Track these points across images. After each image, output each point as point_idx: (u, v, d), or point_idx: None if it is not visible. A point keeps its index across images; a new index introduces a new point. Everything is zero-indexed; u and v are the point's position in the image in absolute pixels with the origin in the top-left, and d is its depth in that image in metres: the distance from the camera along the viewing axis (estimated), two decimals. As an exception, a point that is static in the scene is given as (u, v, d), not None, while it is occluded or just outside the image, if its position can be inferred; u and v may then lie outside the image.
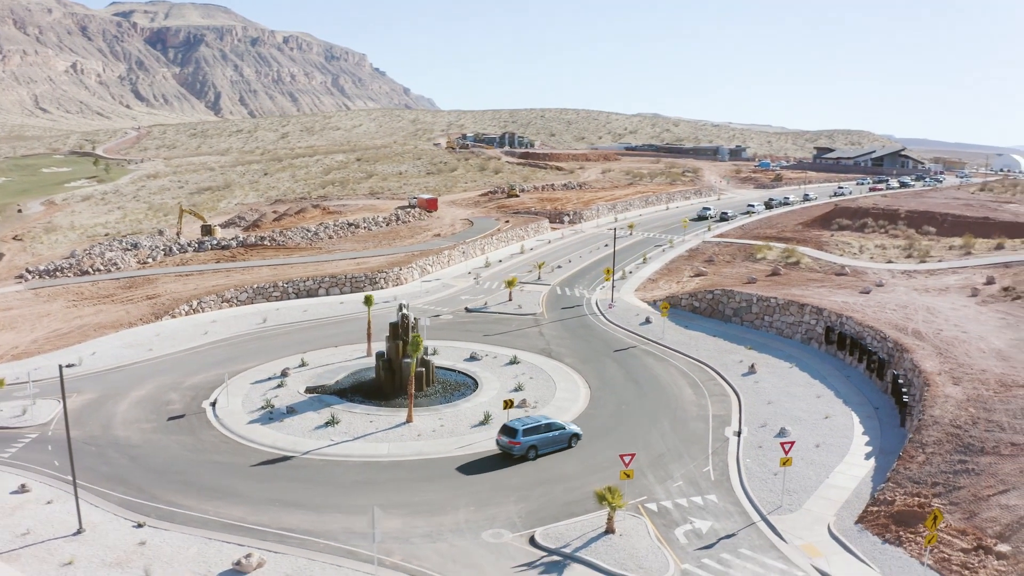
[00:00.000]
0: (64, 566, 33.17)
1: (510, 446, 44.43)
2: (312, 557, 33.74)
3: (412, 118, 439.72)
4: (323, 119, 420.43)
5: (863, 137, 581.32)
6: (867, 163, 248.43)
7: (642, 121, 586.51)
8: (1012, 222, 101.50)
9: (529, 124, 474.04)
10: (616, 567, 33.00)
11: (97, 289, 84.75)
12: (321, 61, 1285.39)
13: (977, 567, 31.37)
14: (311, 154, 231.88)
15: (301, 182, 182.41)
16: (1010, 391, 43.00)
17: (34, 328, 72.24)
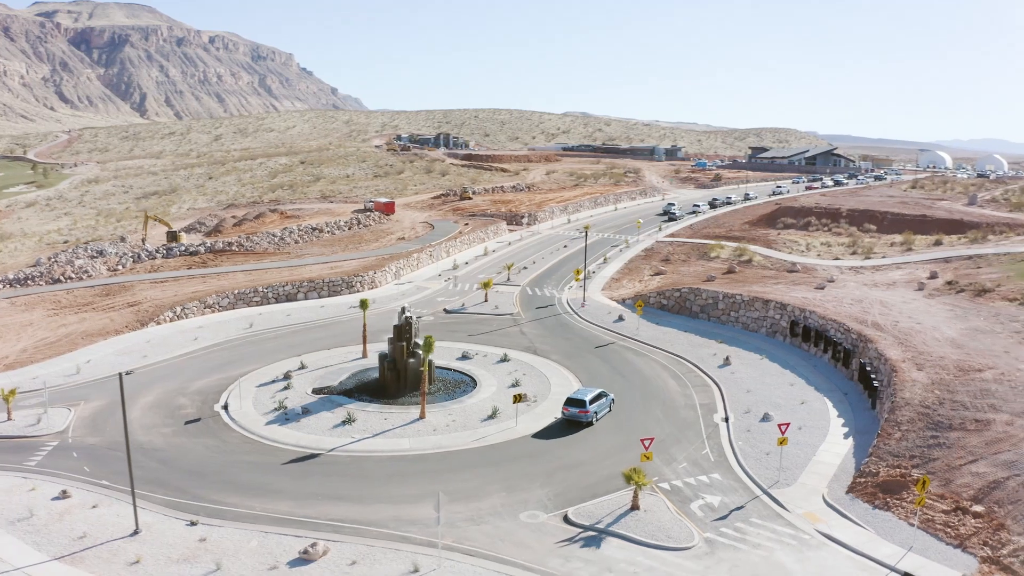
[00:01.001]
0: (132, 565, 35.06)
1: (580, 415, 51.52)
2: (370, 544, 36.55)
3: (346, 119, 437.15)
4: (256, 121, 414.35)
5: (789, 135, 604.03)
6: (801, 162, 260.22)
7: (574, 121, 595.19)
8: (947, 219, 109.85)
9: (463, 124, 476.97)
10: (648, 538, 36.93)
11: (74, 297, 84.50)
12: (248, 61, 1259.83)
13: (957, 525, 36.42)
14: (252, 157, 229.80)
15: (248, 186, 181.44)
16: (968, 375, 48.69)
17: (19, 338, 72.11)
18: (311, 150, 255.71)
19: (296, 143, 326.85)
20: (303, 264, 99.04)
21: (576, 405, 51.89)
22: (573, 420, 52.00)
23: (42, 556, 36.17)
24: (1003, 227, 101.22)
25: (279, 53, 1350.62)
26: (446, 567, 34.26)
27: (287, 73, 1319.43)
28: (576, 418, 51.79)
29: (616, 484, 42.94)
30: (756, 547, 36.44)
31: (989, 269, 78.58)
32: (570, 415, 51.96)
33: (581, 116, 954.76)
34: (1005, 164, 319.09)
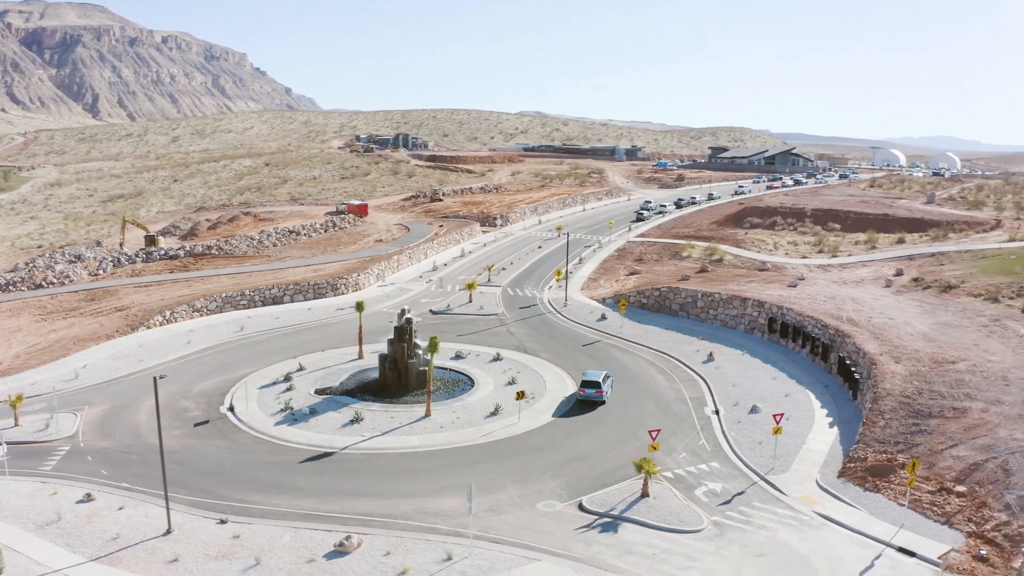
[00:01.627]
0: (171, 563, 36.30)
1: (597, 395, 56.71)
2: (399, 535, 38.39)
3: (303, 120, 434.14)
4: (213, 121, 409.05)
5: (744, 134, 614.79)
6: (760, 162, 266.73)
7: (531, 121, 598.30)
8: (908, 218, 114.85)
9: (422, 125, 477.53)
10: (661, 523, 39.44)
11: (59, 303, 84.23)
12: (201, 61, 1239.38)
13: (943, 504, 39.64)
14: (215, 159, 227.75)
15: (215, 188, 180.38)
16: (942, 366, 52.25)
17: (10, 343, 71.97)
18: (274, 152, 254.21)
19: (255, 144, 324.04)
20: (285, 267, 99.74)
21: (593, 386, 57.02)
22: (590, 400, 57.06)
23: (78, 558, 37.14)
24: (962, 225, 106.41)
25: (232, 53, 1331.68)
26: (477, 554, 36.28)
27: (241, 73, 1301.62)
28: (593, 398, 56.92)
29: (623, 474, 45.46)
30: (761, 528, 39.19)
31: (952, 266, 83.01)
32: (587, 396, 57.02)
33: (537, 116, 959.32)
34: (958, 162, 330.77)
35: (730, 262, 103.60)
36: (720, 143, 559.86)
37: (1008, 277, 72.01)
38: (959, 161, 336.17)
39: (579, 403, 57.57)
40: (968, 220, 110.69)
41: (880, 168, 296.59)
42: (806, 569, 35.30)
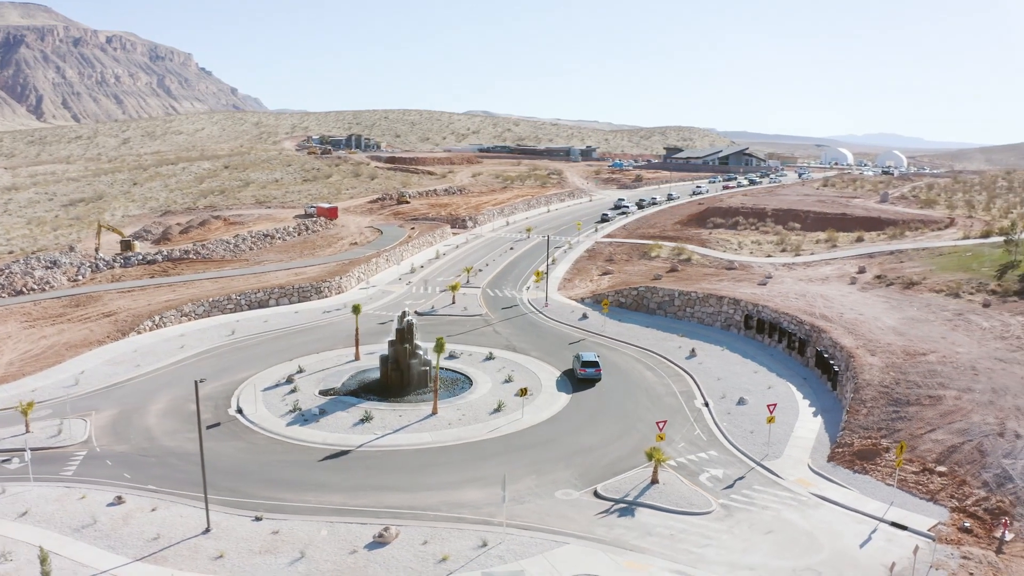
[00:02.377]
0: (216, 559, 37.86)
1: (596, 373, 64.44)
2: (433, 526, 40.67)
3: (254, 121, 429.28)
4: (163, 123, 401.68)
5: (693, 133, 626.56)
6: (715, 162, 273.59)
7: (482, 121, 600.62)
8: (865, 217, 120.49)
9: (374, 125, 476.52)
10: (674, 506, 42.53)
11: (43, 309, 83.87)
12: (146, 61, 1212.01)
13: (927, 483, 43.54)
14: (172, 162, 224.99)
15: (176, 192, 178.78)
16: (914, 358, 56.51)
17: (1, 351, 71.81)
18: (231, 154, 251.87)
19: (207, 146, 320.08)
20: (266, 271, 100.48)
21: (592, 366, 64.58)
22: (590, 379, 64.38)
23: (123, 558, 38.33)
24: (918, 224, 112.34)
25: (178, 53, 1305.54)
26: (509, 540, 38.82)
27: (186, 73, 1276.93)
28: (593, 376, 64.35)
29: (629, 463, 48.53)
30: (765, 509, 42.56)
31: (911, 263, 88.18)
32: (588, 375, 64.28)
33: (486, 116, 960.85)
34: (904, 160, 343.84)
35: (698, 261, 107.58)
36: (670, 142, 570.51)
37: (967, 274, 77.17)
38: (905, 159, 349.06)
39: (579, 382, 64.48)
40: (923, 219, 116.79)
41: (829, 166, 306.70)
42: (812, 543, 38.69)
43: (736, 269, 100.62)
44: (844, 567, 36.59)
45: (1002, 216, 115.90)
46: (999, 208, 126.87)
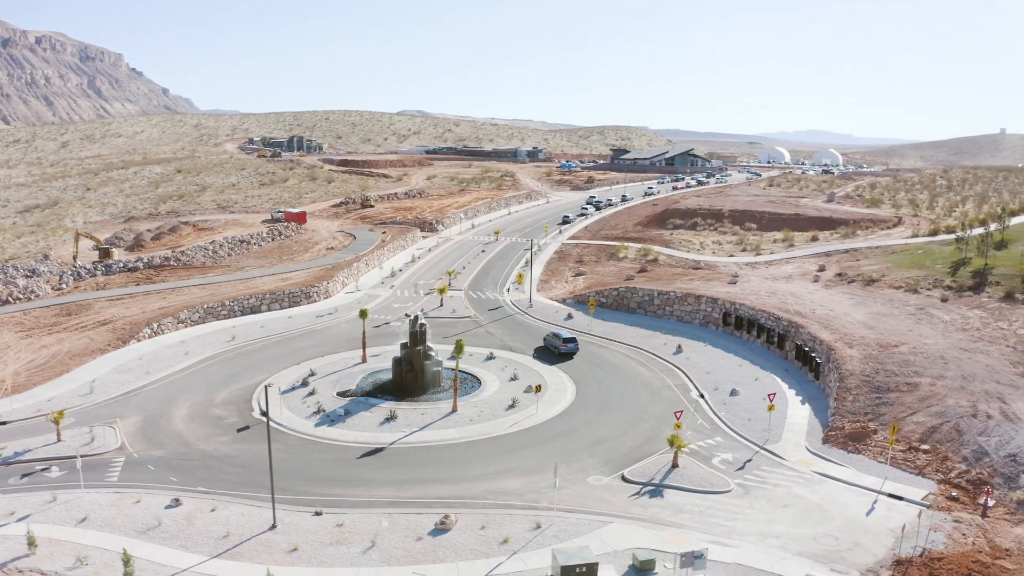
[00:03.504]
0: (291, 552, 40.47)
1: (575, 348, 74.96)
2: (486, 512, 44.34)
3: (194, 123, 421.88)
4: (102, 126, 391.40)
5: (631, 132, 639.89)
6: (661, 163, 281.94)
7: (423, 122, 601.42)
8: (817, 217, 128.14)
9: (315, 127, 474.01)
10: (696, 487, 47.21)
11: (35, 318, 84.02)
12: (76, 62, 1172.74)
13: (914, 460, 49.23)
14: (124, 166, 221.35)
15: (132, 197, 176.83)
16: (888, 350, 62.58)
17: (4, 361, 72.23)
18: (182, 157, 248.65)
19: (148, 149, 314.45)
20: (251, 277, 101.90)
21: (571, 341, 75.31)
22: (571, 353, 74.79)
23: (200, 556, 40.25)
24: (868, 223, 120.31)
25: (108, 53, 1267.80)
26: (560, 522, 42.84)
27: (117, 74, 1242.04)
28: (572, 351, 74.70)
29: (646, 450, 53.11)
30: (776, 486, 47.60)
31: (867, 261, 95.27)
32: (568, 349, 74.85)
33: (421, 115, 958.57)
34: (840, 157, 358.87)
35: (665, 262, 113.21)
36: (608, 142, 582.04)
37: (921, 271, 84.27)
38: (841, 157, 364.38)
39: (560, 355, 74.93)
40: (872, 218, 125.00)
41: (767, 165, 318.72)
42: (824, 514, 43.82)
43: (702, 269, 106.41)
44: (856, 533, 41.75)
45: (946, 215, 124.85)
46: (943, 207, 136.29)
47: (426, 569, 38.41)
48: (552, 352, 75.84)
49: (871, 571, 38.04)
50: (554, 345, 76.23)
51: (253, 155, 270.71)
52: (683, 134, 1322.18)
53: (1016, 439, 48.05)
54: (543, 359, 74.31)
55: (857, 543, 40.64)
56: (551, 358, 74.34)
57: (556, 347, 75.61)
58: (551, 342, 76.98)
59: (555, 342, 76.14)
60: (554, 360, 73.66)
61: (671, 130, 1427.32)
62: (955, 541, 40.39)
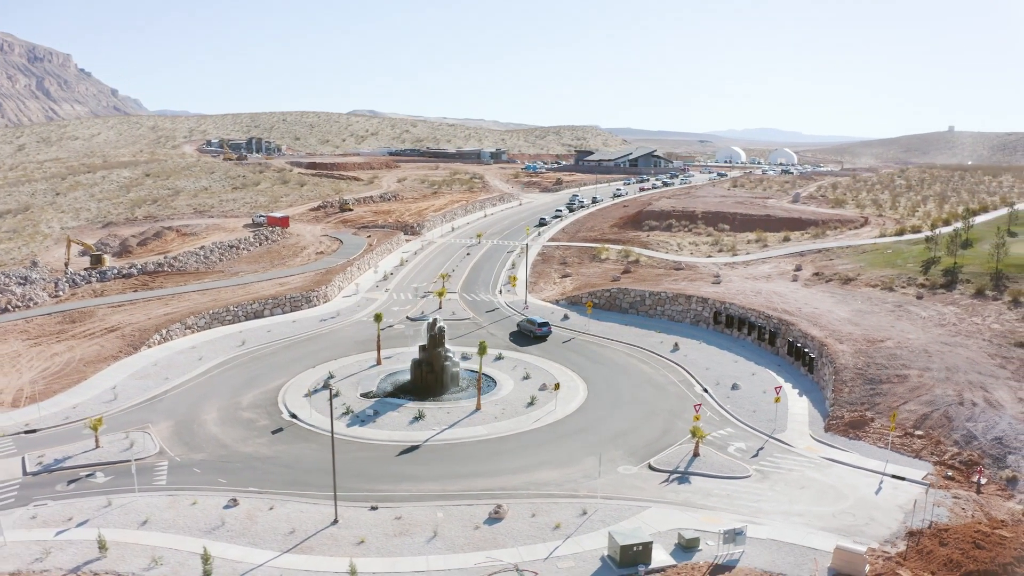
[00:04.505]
0: (359, 545, 43.01)
1: (549, 331, 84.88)
2: (532, 501, 47.80)
3: (151, 125, 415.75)
4: (59, 128, 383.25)
5: (587, 132, 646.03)
6: (626, 164, 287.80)
7: (380, 123, 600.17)
8: (787, 218, 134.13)
9: (272, 128, 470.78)
10: (719, 473, 51.43)
11: (39, 326, 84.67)
12: (24, 63, 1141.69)
13: (910, 444, 54.19)
14: (92, 169, 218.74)
15: (105, 201, 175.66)
16: (875, 345, 67.76)
17: (18, 369, 73.13)
18: (149, 160, 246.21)
19: (106, 152, 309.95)
20: (248, 282, 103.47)
21: (545, 325, 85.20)
22: (545, 336, 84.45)
23: (271, 552, 42.41)
24: (836, 223, 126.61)
25: (56, 54, 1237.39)
26: (603, 507, 46.58)
27: (66, 75, 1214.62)
28: (547, 334, 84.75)
29: (665, 441, 57.25)
30: (790, 471, 52.07)
31: (840, 261, 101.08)
32: (543, 332, 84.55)
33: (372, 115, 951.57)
34: (795, 156, 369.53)
35: (646, 263, 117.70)
36: (564, 141, 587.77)
37: (894, 269, 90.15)
38: (795, 156, 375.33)
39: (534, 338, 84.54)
40: (839, 218, 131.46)
41: (725, 164, 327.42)
42: (838, 494, 48.38)
43: (683, 269, 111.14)
44: (869, 509, 46.37)
45: (909, 215, 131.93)
46: (905, 207, 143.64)
47: (490, 554, 41.73)
48: (527, 336, 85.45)
49: (888, 541, 42.61)
50: (529, 329, 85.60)
51: (219, 157, 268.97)
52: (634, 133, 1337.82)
53: (1000, 424, 53.32)
54: (518, 342, 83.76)
55: (872, 518, 45.22)
56: (526, 341, 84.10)
57: (531, 331, 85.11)
58: (526, 327, 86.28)
59: (530, 327, 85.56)
60: (529, 343, 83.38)
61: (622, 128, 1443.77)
62: (956, 515, 45.23)
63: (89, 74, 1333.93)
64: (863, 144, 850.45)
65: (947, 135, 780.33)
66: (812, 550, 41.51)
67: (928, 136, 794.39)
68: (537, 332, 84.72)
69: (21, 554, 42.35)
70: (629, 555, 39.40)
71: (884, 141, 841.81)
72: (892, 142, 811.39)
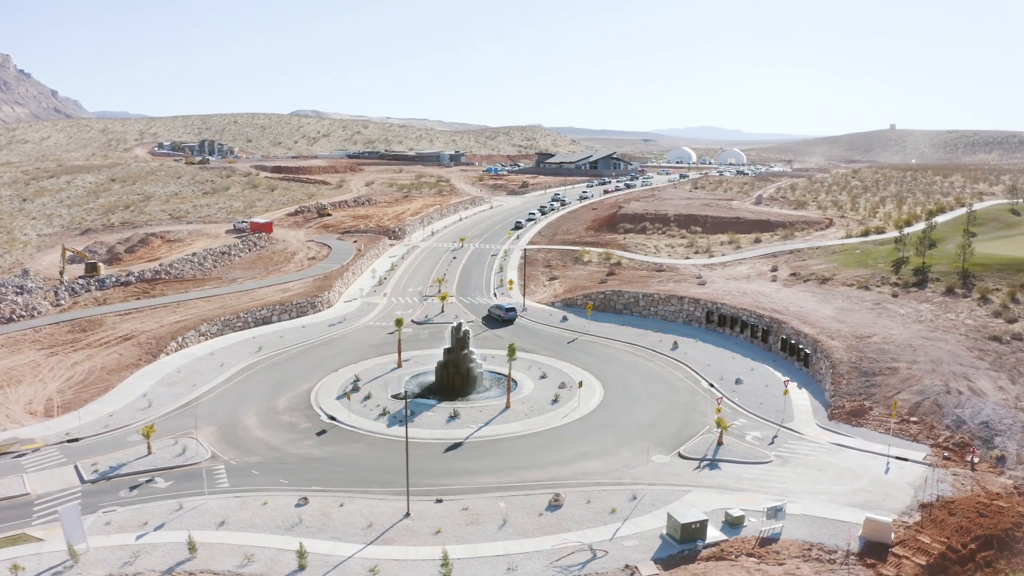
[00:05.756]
0: (437, 534, 46.68)
1: (515, 316, 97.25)
2: (584, 489, 52.39)
3: (101, 128, 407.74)
4: (7, 131, 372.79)
5: (536, 132, 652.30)
6: (586, 167, 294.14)
7: (332, 124, 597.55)
8: (755, 220, 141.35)
9: (224, 130, 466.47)
10: (744, 459, 56.88)
11: (49, 336, 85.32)
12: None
13: (907, 429, 60.53)
14: (54, 175, 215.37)
15: (75, 208, 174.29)
16: (863, 340, 74.25)
17: (42, 379, 74.11)
18: (111, 165, 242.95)
19: (59, 155, 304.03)
20: (249, 289, 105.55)
21: (512, 310, 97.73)
22: (512, 319, 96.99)
23: (357, 544, 45.33)
24: (802, 224, 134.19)
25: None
26: (651, 493, 51.48)
27: (5, 76, 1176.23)
28: (513, 318, 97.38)
29: (688, 433, 62.47)
30: (806, 456, 57.84)
31: (813, 261, 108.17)
32: (510, 316, 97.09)
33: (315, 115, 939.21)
34: (744, 156, 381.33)
35: (628, 265, 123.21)
36: (514, 142, 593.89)
37: (866, 269, 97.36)
38: (744, 155, 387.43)
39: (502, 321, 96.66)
40: (805, 220, 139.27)
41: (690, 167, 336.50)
42: (853, 475, 54.24)
43: (665, 271, 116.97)
44: (883, 487, 52.30)
45: (870, 216, 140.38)
46: (866, 208, 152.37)
47: (558, 538, 46.19)
48: (496, 319, 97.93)
49: (905, 513, 48.52)
50: (498, 314, 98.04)
51: (181, 161, 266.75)
52: (577, 132, 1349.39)
53: (985, 410, 60.04)
54: (489, 325, 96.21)
55: (887, 494, 51.14)
56: (495, 324, 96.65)
57: (500, 315, 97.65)
58: (495, 312, 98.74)
59: (499, 312, 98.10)
60: (498, 325, 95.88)
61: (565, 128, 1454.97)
62: (958, 489, 51.48)
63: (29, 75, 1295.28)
64: (806, 143, 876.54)
65: (889, 133, 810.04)
66: (842, 522, 47.10)
67: (871, 134, 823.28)
68: (504, 316, 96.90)
69: (108, 559, 44.18)
70: (688, 532, 44.38)
71: (827, 139, 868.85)
72: (835, 140, 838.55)
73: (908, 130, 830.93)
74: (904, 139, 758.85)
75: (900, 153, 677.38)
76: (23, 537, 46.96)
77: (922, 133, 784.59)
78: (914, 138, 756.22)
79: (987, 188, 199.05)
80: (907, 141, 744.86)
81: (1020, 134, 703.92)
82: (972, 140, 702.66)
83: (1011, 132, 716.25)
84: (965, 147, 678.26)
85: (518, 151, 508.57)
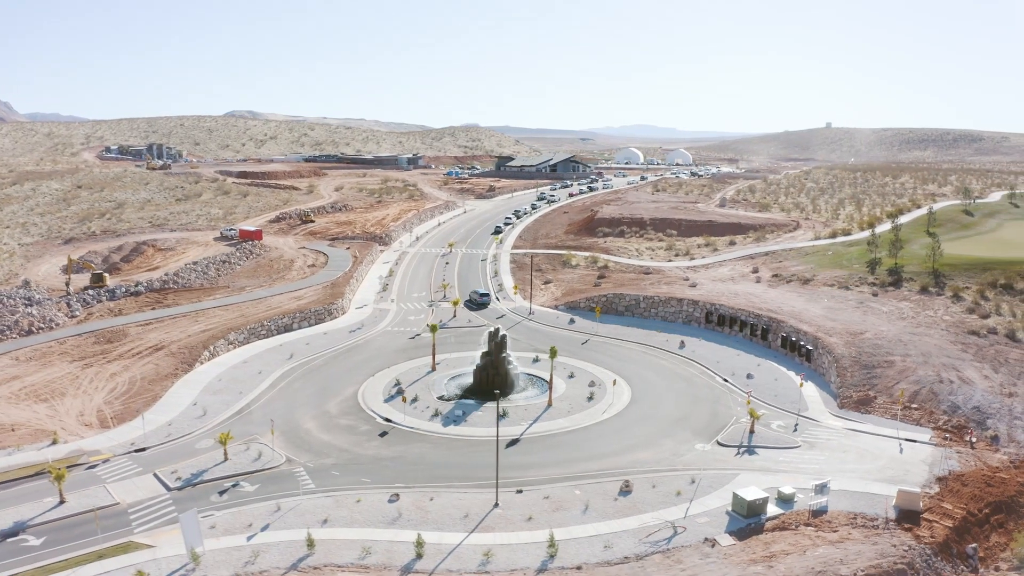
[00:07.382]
0: (529, 520, 52.00)
1: (488, 300, 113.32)
2: (646, 476, 58.61)
3: (46, 132, 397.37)
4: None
5: (480, 133, 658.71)
6: (546, 170, 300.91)
7: (278, 127, 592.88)
8: (727, 223, 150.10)
9: (171, 133, 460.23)
10: (776, 445, 64.20)
11: (76, 347, 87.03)
12: None
13: (910, 415, 68.85)
14: (17, 182, 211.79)
15: (47, 216, 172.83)
16: (858, 336, 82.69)
17: (85, 391, 76.09)
18: (75, 171, 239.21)
19: (6, 160, 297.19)
20: (262, 297, 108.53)
21: (486, 295, 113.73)
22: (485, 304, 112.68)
23: (461, 533, 50.00)
24: (771, 227, 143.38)
25: None
26: (706, 476, 58.19)
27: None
28: (487, 303, 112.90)
29: (720, 423, 69.56)
30: (827, 440, 65.54)
31: (790, 263, 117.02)
32: (484, 301, 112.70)
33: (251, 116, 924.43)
34: (690, 157, 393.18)
35: (616, 268, 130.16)
36: (460, 143, 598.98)
37: (843, 270, 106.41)
38: (691, 155, 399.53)
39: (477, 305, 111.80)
40: (773, 222, 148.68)
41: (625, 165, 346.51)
42: (873, 455, 62.08)
43: (652, 273, 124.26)
44: (901, 464, 60.24)
45: (833, 217, 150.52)
46: (827, 210, 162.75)
47: (637, 519, 52.50)
48: (474, 303, 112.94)
49: (925, 486, 56.43)
50: (474, 300, 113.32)
51: (143, 166, 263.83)
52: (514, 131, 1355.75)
53: (975, 396, 68.78)
54: (471, 308, 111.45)
55: (907, 471, 59.06)
56: (474, 307, 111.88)
57: (476, 300, 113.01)
58: (474, 297, 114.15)
59: (476, 296, 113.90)
60: (476, 308, 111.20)
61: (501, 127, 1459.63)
62: (964, 465, 59.79)
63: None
64: (744, 140, 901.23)
65: (826, 131, 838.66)
66: (876, 495, 54.71)
67: (808, 132, 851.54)
68: (479, 300, 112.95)
69: (228, 560, 47.33)
70: (754, 508, 51.30)
71: (764, 137, 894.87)
72: (773, 138, 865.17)
73: (844, 128, 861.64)
74: (840, 137, 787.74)
75: (838, 151, 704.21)
76: (132, 545, 49.63)
77: (858, 131, 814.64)
78: (851, 136, 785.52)
79: (937, 189, 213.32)
80: (843, 139, 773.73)
81: (953, 131, 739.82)
82: (908, 138, 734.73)
83: (944, 129, 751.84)
84: (901, 144, 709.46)
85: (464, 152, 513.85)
